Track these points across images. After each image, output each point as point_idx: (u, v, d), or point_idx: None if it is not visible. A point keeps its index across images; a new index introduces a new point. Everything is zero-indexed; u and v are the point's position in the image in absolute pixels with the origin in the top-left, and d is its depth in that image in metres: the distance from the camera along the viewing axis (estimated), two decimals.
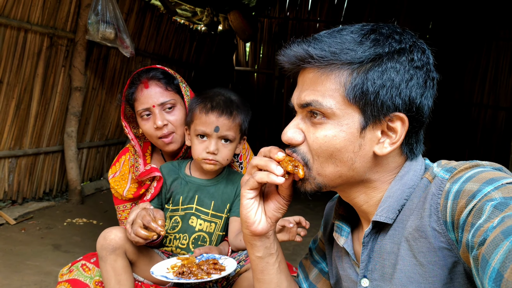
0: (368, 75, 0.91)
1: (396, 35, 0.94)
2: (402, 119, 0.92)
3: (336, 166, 0.95)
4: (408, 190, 0.96)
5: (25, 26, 3.74)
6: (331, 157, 0.94)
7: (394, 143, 0.93)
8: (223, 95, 1.78)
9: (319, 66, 0.93)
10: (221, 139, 1.74)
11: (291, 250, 3.76)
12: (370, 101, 0.91)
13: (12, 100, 3.85)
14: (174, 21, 6.06)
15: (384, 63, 0.91)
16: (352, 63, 0.91)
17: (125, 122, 1.99)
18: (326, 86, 0.93)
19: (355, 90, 0.91)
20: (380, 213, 0.96)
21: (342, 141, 0.93)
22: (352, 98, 0.91)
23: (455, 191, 0.85)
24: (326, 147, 0.94)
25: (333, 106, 0.92)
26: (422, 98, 0.94)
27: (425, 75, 0.94)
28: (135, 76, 1.90)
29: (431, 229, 0.88)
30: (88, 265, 1.78)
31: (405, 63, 0.92)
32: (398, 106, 0.91)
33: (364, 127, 0.92)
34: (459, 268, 0.86)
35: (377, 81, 0.90)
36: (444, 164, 0.95)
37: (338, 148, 0.93)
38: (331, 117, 0.93)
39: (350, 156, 0.94)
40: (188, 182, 1.84)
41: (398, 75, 0.91)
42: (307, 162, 0.98)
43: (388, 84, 0.90)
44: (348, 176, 0.97)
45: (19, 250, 3.19)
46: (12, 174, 4.08)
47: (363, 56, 0.90)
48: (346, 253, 1.09)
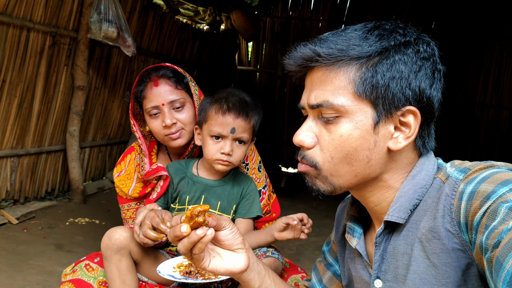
0: (377, 68, 0.91)
1: (399, 30, 0.94)
2: (414, 113, 0.92)
3: (352, 166, 0.95)
4: (420, 190, 0.95)
5: (28, 24, 3.73)
6: (347, 156, 0.94)
7: (409, 137, 0.93)
8: (238, 95, 1.75)
9: (327, 64, 0.93)
10: (236, 141, 1.73)
11: (295, 250, 3.75)
12: (381, 95, 0.91)
13: (14, 99, 3.84)
14: (176, 20, 6.06)
15: (392, 55, 0.91)
16: (360, 58, 0.91)
17: (134, 120, 1.97)
18: (335, 84, 0.93)
19: (365, 85, 0.91)
20: (392, 212, 0.95)
21: (358, 139, 0.92)
22: (362, 92, 0.91)
23: (469, 192, 0.83)
24: (342, 147, 0.93)
25: (345, 103, 0.92)
26: (431, 89, 0.94)
27: (433, 66, 0.94)
28: (145, 73, 1.88)
29: (445, 230, 0.87)
30: (91, 265, 1.77)
31: (412, 55, 0.92)
32: (409, 98, 0.91)
33: (377, 122, 0.92)
34: (472, 269, 0.85)
35: (386, 74, 0.90)
36: (458, 164, 0.94)
37: (354, 147, 0.93)
38: (344, 115, 0.93)
39: (366, 154, 0.93)
40: (195, 182, 1.82)
41: (406, 67, 0.91)
42: (316, 165, 0.97)
43: (398, 76, 0.90)
44: (364, 174, 0.96)
45: (22, 249, 3.18)
46: (14, 174, 4.08)
47: (370, 50, 0.90)
48: (358, 254, 1.08)
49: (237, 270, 1.04)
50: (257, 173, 2.05)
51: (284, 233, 1.70)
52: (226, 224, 1.02)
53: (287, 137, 7.88)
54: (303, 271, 1.97)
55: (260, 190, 2.02)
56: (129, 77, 5.33)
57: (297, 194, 5.83)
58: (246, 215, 1.84)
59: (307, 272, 1.97)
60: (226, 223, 1.02)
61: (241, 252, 1.05)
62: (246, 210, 1.84)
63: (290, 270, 1.92)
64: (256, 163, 2.06)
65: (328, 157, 0.95)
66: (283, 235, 1.70)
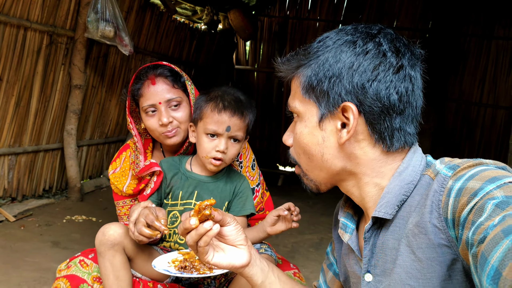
0: (313, 69, 0.98)
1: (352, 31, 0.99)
2: (350, 108, 0.94)
3: (312, 161, 1.03)
4: (407, 186, 0.96)
5: (25, 24, 3.75)
6: (305, 152, 1.03)
7: (349, 131, 0.95)
8: (232, 94, 1.77)
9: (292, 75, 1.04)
10: (231, 139, 1.75)
11: (290, 247, 3.78)
12: (318, 93, 0.97)
13: (11, 97, 3.86)
14: (174, 20, 6.07)
15: (323, 54, 0.97)
16: (304, 64, 0.99)
17: (130, 118, 1.99)
18: (293, 90, 1.04)
19: (305, 87, 0.99)
20: (379, 208, 0.97)
21: (307, 136, 1.01)
22: (305, 93, 1.00)
23: (457, 189, 0.85)
24: (299, 144, 1.04)
25: (297, 105, 1.03)
26: (373, 83, 0.93)
27: (373, 60, 0.94)
28: (142, 72, 1.90)
29: (432, 225, 0.88)
30: (86, 261, 1.78)
31: (347, 53, 0.95)
32: (342, 94, 0.94)
33: (321, 119, 0.99)
34: (458, 265, 0.86)
35: (319, 73, 0.96)
36: (448, 161, 0.95)
37: (305, 143, 1.02)
38: (299, 116, 1.03)
39: (317, 149, 1.00)
40: (189, 178, 1.84)
41: (337, 64, 0.95)
42: (295, 161, 1.08)
43: (329, 74, 0.95)
44: (327, 168, 1.02)
45: (18, 246, 3.20)
46: (11, 172, 4.10)
47: (311, 54, 0.99)
48: (351, 249, 1.10)
49: (239, 265, 1.10)
50: (251, 171, 2.07)
51: (276, 226, 1.72)
52: (230, 221, 1.09)
53: None
54: (295, 267, 1.98)
55: (254, 188, 2.04)
56: (126, 76, 5.35)
57: (294, 193, 5.85)
58: (240, 213, 1.85)
59: (299, 269, 1.99)
60: (230, 219, 1.09)
61: (243, 248, 1.11)
62: (239, 208, 1.86)
63: (283, 266, 1.94)
64: (250, 161, 2.07)
65: (296, 153, 1.07)
66: (276, 228, 1.71)
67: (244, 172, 2.03)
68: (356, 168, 1.00)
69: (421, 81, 1.01)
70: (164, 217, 1.60)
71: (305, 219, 4.62)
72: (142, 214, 1.59)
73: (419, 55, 1.01)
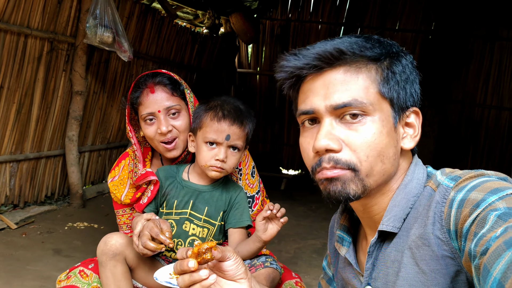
0: (394, 70, 0.95)
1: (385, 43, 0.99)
2: (417, 112, 0.98)
3: (384, 164, 0.94)
4: (413, 198, 0.96)
5: (25, 31, 3.75)
6: (380, 154, 0.93)
7: (416, 137, 0.98)
8: (232, 103, 1.76)
9: (345, 64, 0.93)
10: (230, 148, 1.73)
11: (292, 253, 3.76)
12: (398, 95, 0.95)
13: (13, 104, 3.86)
14: (175, 24, 6.07)
15: (399, 60, 0.96)
16: (377, 59, 0.94)
17: (130, 126, 1.97)
18: (359, 84, 0.92)
19: (389, 84, 0.94)
20: (387, 222, 0.96)
21: (386, 136, 0.93)
22: (385, 92, 0.94)
23: (460, 200, 0.84)
24: (375, 145, 0.92)
25: (372, 101, 0.92)
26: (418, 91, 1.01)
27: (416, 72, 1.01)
28: (141, 80, 1.88)
29: (435, 237, 0.87)
30: (86, 271, 1.78)
31: (410, 60, 0.99)
32: (414, 98, 0.98)
33: (396, 121, 0.95)
34: (461, 277, 0.86)
35: (402, 75, 0.96)
36: (449, 172, 0.95)
37: (385, 144, 0.93)
38: (370, 114, 0.92)
39: (393, 151, 0.95)
40: (184, 187, 1.83)
41: (409, 69, 0.98)
42: (354, 166, 0.92)
43: (409, 78, 0.97)
44: (390, 173, 0.96)
45: (20, 255, 3.20)
46: (13, 179, 4.10)
47: (383, 53, 0.95)
48: (349, 262, 1.09)
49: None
50: (251, 178, 2.05)
51: (268, 230, 1.68)
52: (230, 255, 1.00)
53: (287, 139, 7.89)
54: (297, 276, 1.97)
55: (254, 196, 2.02)
56: (128, 82, 5.35)
57: (297, 197, 5.84)
58: (237, 225, 1.83)
59: (301, 277, 1.98)
60: (230, 254, 1.00)
61: (243, 283, 1.03)
62: (236, 219, 1.84)
63: (285, 275, 1.92)
64: (250, 169, 2.06)
65: (363, 156, 0.92)
66: (269, 232, 1.67)
67: (243, 180, 2.01)
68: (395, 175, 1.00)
69: None
70: (169, 230, 1.59)
71: (307, 224, 4.61)
72: (147, 227, 1.57)
73: None
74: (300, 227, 4.45)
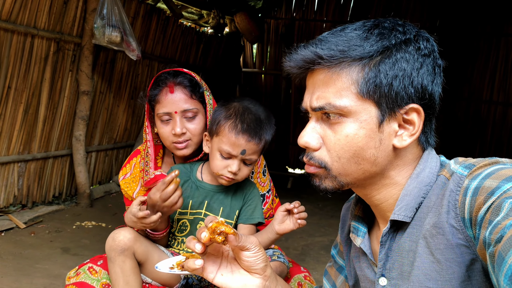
0: (380, 68, 0.91)
1: (399, 27, 0.94)
2: (417, 110, 0.93)
3: (359, 164, 0.95)
4: (425, 187, 0.95)
5: (32, 31, 3.77)
6: (354, 156, 0.94)
7: (413, 134, 0.94)
8: (253, 113, 1.70)
9: (329, 66, 0.93)
10: (244, 161, 1.71)
11: (300, 250, 3.75)
12: (384, 94, 0.91)
13: (20, 105, 3.88)
14: (180, 24, 6.08)
15: (394, 54, 0.91)
16: (362, 58, 0.91)
17: (148, 122, 1.95)
18: (337, 85, 0.93)
19: (369, 84, 0.91)
20: (398, 211, 0.95)
21: (363, 138, 0.93)
22: (366, 92, 0.91)
23: (474, 188, 0.84)
24: (348, 147, 0.94)
25: (348, 103, 0.92)
26: (433, 85, 0.95)
27: (433, 62, 0.95)
28: (161, 77, 1.86)
29: (449, 225, 0.87)
30: (95, 268, 1.78)
31: (413, 52, 0.92)
32: (411, 95, 0.92)
33: (381, 121, 0.93)
34: (477, 265, 0.85)
35: (389, 73, 0.91)
36: (462, 161, 0.94)
37: (360, 146, 0.93)
38: (348, 115, 0.93)
39: (372, 152, 0.94)
40: (199, 187, 1.82)
41: (408, 64, 0.91)
42: (325, 165, 0.97)
43: (401, 74, 0.91)
44: (372, 172, 0.96)
45: (29, 253, 3.21)
46: (21, 179, 4.12)
47: (372, 50, 0.91)
48: (363, 253, 1.08)
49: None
50: (262, 177, 2.04)
51: (284, 224, 1.68)
52: (250, 246, 0.99)
53: (293, 138, 7.87)
54: (306, 270, 1.96)
55: (264, 194, 2.02)
56: (134, 81, 5.37)
57: (303, 195, 5.83)
58: (248, 221, 1.83)
59: (309, 272, 1.97)
60: (251, 245, 0.99)
61: (258, 277, 1.02)
62: (247, 216, 1.83)
63: (293, 270, 1.92)
64: (261, 167, 2.05)
65: (335, 157, 0.95)
66: (284, 226, 1.68)
67: (255, 178, 2.00)
68: (393, 170, 0.98)
69: None
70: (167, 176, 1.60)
71: (314, 221, 4.60)
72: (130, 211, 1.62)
73: None
74: (307, 225, 4.37)
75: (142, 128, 5.68)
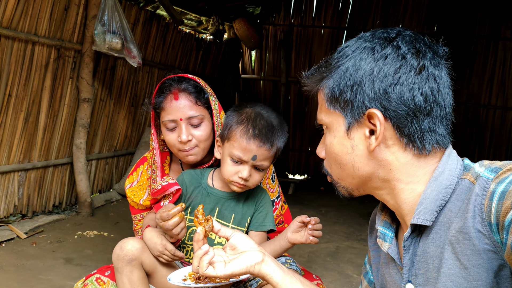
0: (335, 80, 0.97)
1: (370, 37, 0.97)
2: (375, 114, 0.93)
3: (343, 170, 1.03)
4: (445, 190, 0.93)
5: (33, 38, 3.74)
6: (336, 162, 1.04)
7: (377, 137, 0.94)
8: (266, 119, 1.67)
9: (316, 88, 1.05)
10: (255, 167, 1.69)
11: (306, 257, 3.72)
12: (342, 103, 0.97)
13: (20, 113, 3.83)
14: (180, 31, 6.07)
15: (344, 64, 0.95)
16: (326, 76, 1.00)
17: (154, 129, 1.93)
18: (319, 101, 1.06)
19: (330, 97, 1.00)
20: (417, 215, 0.94)
21: (337, 145, 1.02)
22: (330, 105, 1.00)
23: (501, 192, 0.82)
24: (330, 155, 1.05)
25: (324, 117, 1.04)
26: (395, 87, 0.92)
27: (394, 63, 0.93)
28: (166, 84, 1.83)
29: (475, 230, 0.84)
30: (102, 279, 1.75)
31: (367, 60, 0.94)
32: (365, 101, 0.94)
33: (348, 128, 0.98)
34: (505, 271, 0.83)
35: (340, 83, 0.97)
36: (487, 164, 0.92)
37: (336, 153, 1.02)
38: (328, 127, 1.04)
39: (348, 158, 1.00)
40: (210, 194, 1.79)
41: (357, 72, 0.94)
42: (328, 172, 1.10)
43: (350, 83, 0.95)
44: (358, 175, 1.01)
45: (31, 264, 3.15)
46: (21, 188, 4.06)
47: (332, 65, 0.99)
48: (391, 258, 1.07)
49: (254, 262, 1.08)
50: (271, 183, 2.02)
51: (297, 235, 1.66)
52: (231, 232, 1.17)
53: (293, 145, 7.86)
54: (318, 278, 1.94)
55: (274, 201, 1.99)
56: (134, 88, 5.33)
57: (305, 201, 5.80)
58: (259, 228, 1.80)
59: (321, 279, 1.95)
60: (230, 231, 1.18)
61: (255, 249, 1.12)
62: (259, 223, 1.81)
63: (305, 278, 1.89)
64: (270, 173, 2.03)
65: (328, 164, 1.08)
66: (295, 237, 1.65)
67: (264, 184, 1.98)
68: (389, 174, 0.98)
69: (448, 79, 1.03)
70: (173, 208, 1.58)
71: None
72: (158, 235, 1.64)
73: (443, 53, 1.02)
74: None
75: (142, 135, 5.65)
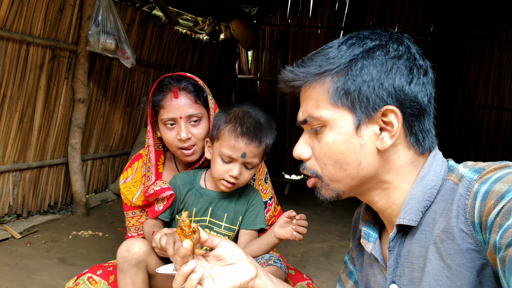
0: (347, 76, 0.94)
1: (373, 36, 0.97)
2: (393, 111, 0.93)
3: (345, 170, 0.97)
4: (430, 191, 0.94)
5: (27, 39, 3.74)
6: (337, 162, 0.98)
7: (394, 135, 0.94)
8: (253, 117, 1.70)
9: (310, 82, 0.99)
10: (245, 164, 1.70)
11: (300, 257, 3.73)
12: (355, 99, 0.94)
13: (15, 113, 3.84)
14: (176, 31, 6.08)
15: (359, 61, 0.94)
16: (333, 70, 0.96)
17: (150, 127, 1.93)
18: (314, 98, 0.99)
19: (339, 92, 0.95)
20: (403, 215, 0.95)
21: (342, 144, 0.96)
22: (337, 100, 0.96)
23: (484, 192, 0.83)
24: (330, 154, 0.98)
25: (324, 113, 0.98)
26: (410, 85, 0.94)
27: (407, 63, 0.95)
28: (165, 82, 1.84)
29: (459, 230, 0.86)
30: (94, 278, 1.75)
31: (381, 57, 0.94)
32: (384, 97, 0.93)
33: (358, 125, 0.95)
34: (487, 270, 0.84)
35: (356, 79, 0.94)
36: (471, 165, 0.93)
37: (341, 152, 0.97)
38: (327, 124, 0.98)
39: (354, 157, 0.96)
40: (203, 195, 1.80)
41: (375, 69, 0.93)
42: (317, 174, 1.02)
43: (368, 79, 0.93)
44: (361, 176, 0.98)
45: (25, 264, 3.16)
46: (16, 188, 4.07)
47: (340, 61, 0.95)
48: (375, 259, 1.08)
49: (248, 278, 1.02)
50: (264, 184, 2.03)
51: (282, 230, 1.67)
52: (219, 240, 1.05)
53: (289, 145, 7.87)
54: (309, 278, 1.94)
55: (267, 202, 2.00)
56: (130, 89, 5.34)
57: (301, 201, 5.81)
58: (250, 227, 1.82)
59: (312, 279, 1.95)
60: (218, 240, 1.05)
61: (246, 261, 1.05)
62: (250, 222, 1.82)
63: (296, 278, 1.90)
64: (263, 175, 2.04)
65: (322, 164, 1.01)
66: (281, 231, 1.66)
67: (257, 185, 1.99)
68: (387, 174, 0.98)
69: None
70: None
71: (313, 227, 4.57)
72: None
73: None
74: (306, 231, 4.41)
75: (138, 135, 5.65)
